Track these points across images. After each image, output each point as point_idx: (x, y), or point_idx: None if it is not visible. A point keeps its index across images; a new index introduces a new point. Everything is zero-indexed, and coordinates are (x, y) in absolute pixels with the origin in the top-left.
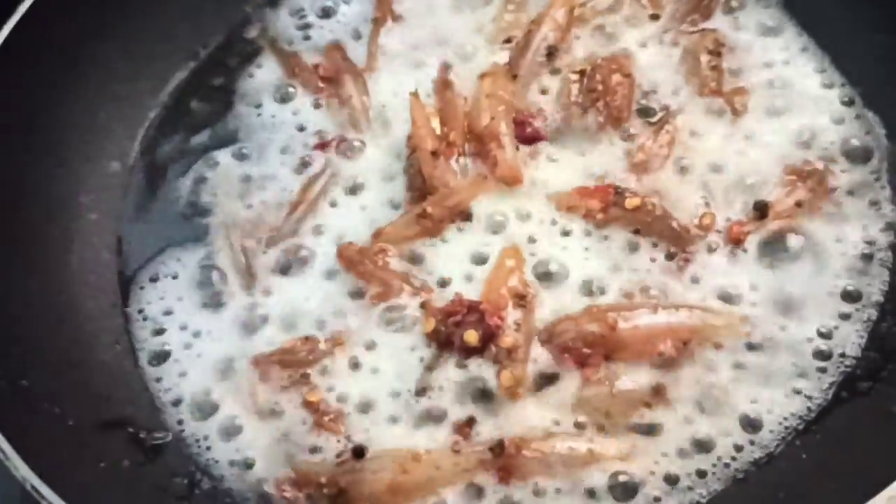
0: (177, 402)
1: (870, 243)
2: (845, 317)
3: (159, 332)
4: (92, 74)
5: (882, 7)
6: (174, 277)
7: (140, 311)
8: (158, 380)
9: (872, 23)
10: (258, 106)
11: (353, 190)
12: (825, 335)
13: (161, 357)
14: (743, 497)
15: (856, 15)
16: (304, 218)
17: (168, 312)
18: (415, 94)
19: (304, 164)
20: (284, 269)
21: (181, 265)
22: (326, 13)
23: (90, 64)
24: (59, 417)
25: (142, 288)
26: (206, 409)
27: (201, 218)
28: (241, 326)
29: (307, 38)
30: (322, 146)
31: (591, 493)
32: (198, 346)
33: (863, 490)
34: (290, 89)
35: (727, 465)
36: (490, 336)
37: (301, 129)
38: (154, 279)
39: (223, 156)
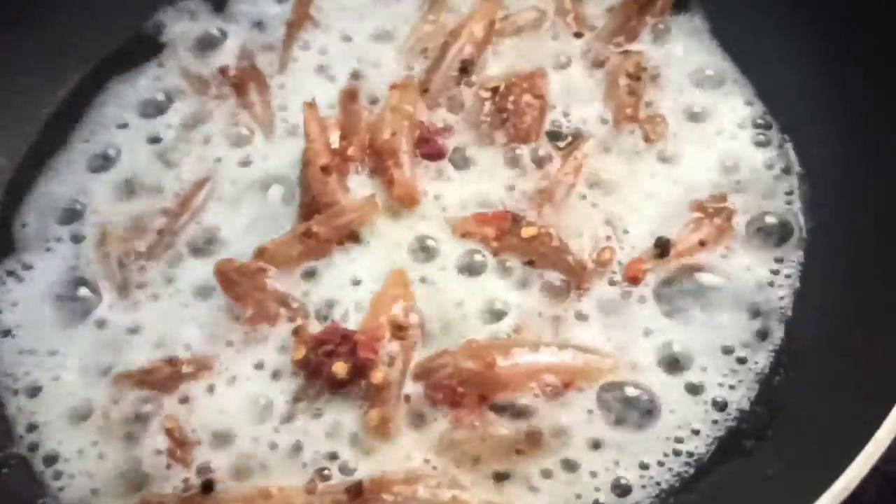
0: (31, 428)
1: (768, 286)
2: (734, 371)
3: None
4: None
5: (807, 41)
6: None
7: None
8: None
9: (797, 56)
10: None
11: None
12: (716, 387)
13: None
14: None
15: (781, 48)
16: (184, 228)
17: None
18: (309, 105)
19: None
20: (158, 283)
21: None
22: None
23: None
24: None
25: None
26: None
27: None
28: (106, 343)
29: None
30: None
31: None
32: (54, 363)
33: None
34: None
35: None
36: (360, 370)
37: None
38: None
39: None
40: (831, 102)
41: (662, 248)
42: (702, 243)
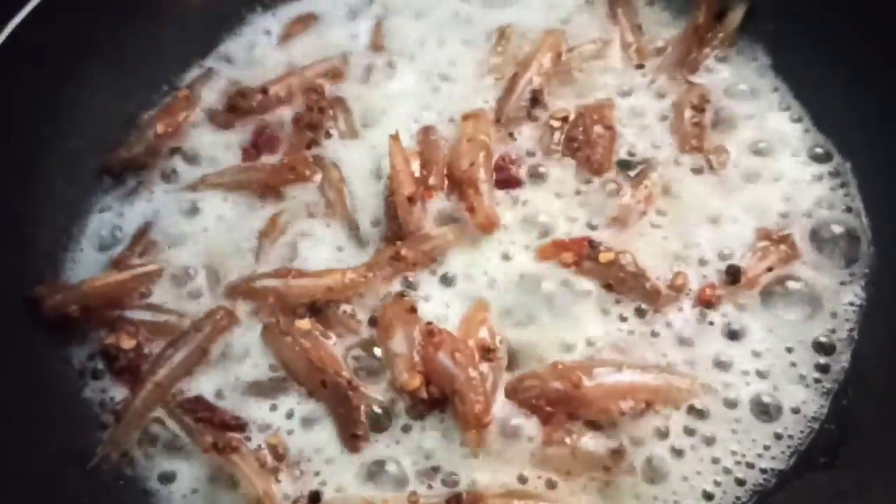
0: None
1: (834, 314)
2: (806, 390)
3: None
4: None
5: (862, 71)
6: None
7: None
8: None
9: (854, 87)
10: None
11: None
12: (791, 406)
13: None
14: None
15: (839, 79)
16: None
17: None
18: (394, 137)
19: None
20: None
21: None
22: None
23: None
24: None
25: None
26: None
27: None
28: None
29: None
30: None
31: None
32: None
33: None
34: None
35: None
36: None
37: None
38: None
39: None
40: (889, 131)
41: (734, 275)
42: (769, 269)
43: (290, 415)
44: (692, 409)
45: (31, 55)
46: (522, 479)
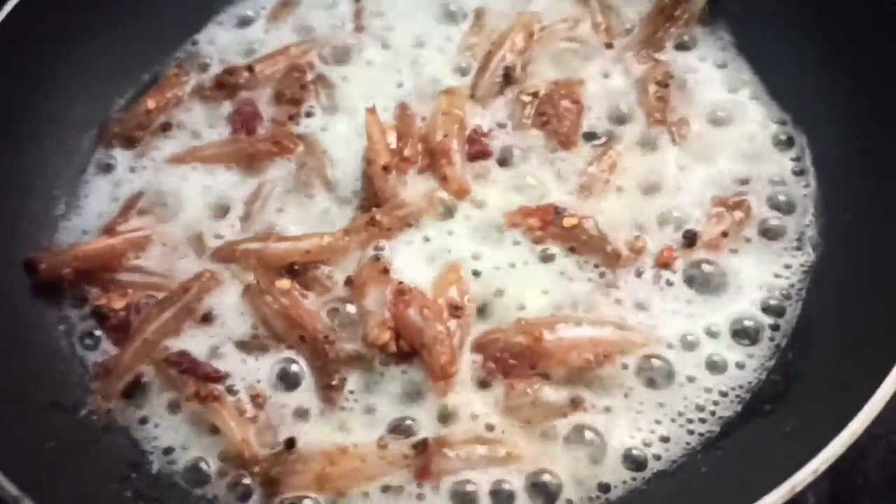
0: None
1: (785, 272)
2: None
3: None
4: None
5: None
6: None
7: None
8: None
9: (813, 61)
10: None
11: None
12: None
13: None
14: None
15: (800, 55)
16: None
17: None
18: (371, 110)
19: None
20: None
21: None
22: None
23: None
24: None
25: None
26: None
27: None
28: None
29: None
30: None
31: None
32: None
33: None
34: None
35: (634, 479)
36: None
37: None
38: None
39: None
40: (847, 105)
41: (690, 239)
42: (724, 234)
43: (268, 369)
44: (646, 361)
45: (24, 33)
46: (487, 425)
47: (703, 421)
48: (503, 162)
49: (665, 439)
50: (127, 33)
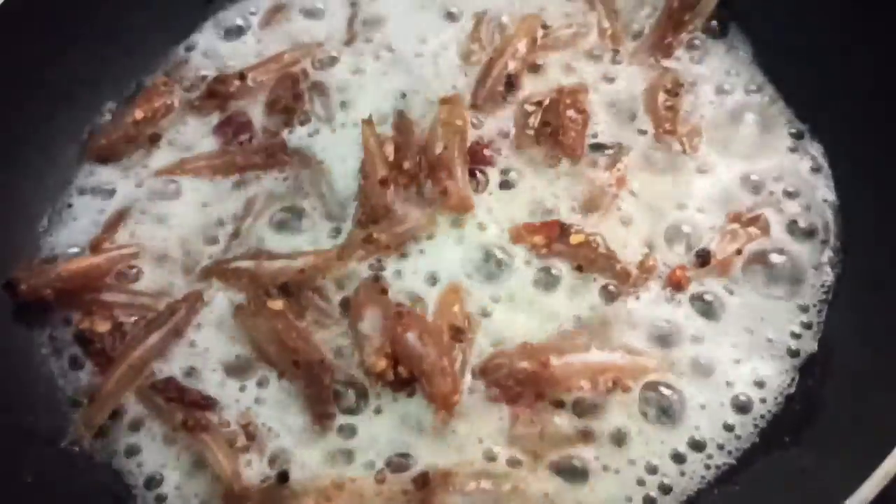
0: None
1: (804, 296)
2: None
3: None
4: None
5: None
6: None
7: None
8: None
9: (829, 67)
10: None
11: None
12: (757, 383)
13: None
14: None
15: (812, 59)
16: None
17: None
18: (367, 122)
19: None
20: None
21: None
22: None
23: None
24: None
25: None
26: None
27: None
28: None
29: None
30: None
31: None
32: None
33: None
34: None
35: None
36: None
37: None
38: None
39: None
40: (860, 113)
41: (703, 258)
42: (738, 252)
43: (259, 395)
44: (657, 387)
45: (11, 39)
46: (491, 456)
47: (720, 447)
48: (506, 174)
49: (682, 473)
50: (112, 39)
